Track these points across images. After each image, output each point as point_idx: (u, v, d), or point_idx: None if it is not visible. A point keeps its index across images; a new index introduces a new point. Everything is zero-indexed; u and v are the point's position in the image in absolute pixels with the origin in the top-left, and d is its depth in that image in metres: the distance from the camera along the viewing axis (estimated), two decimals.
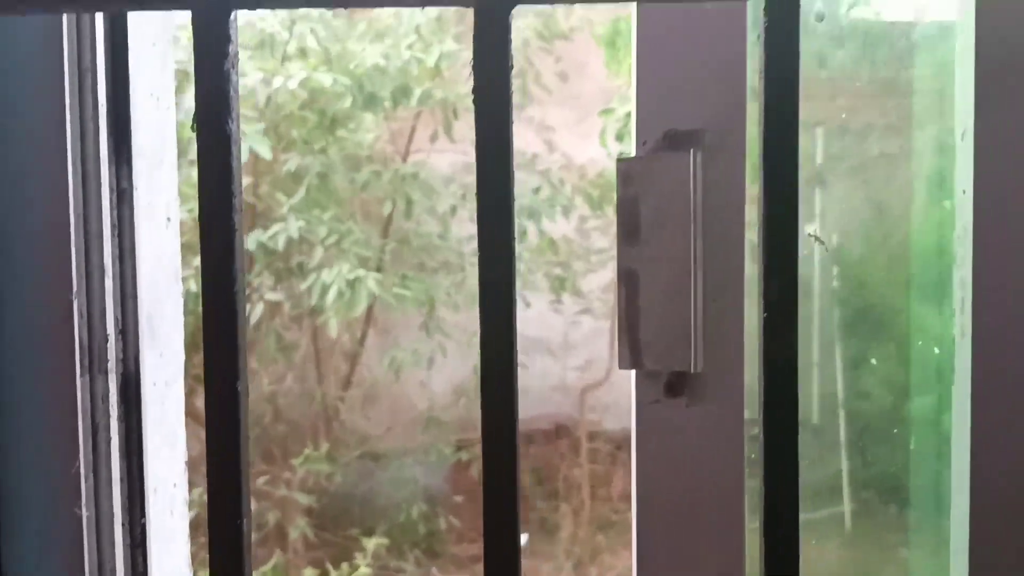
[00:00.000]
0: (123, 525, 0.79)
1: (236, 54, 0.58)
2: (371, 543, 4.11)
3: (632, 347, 0.75)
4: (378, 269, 3.82)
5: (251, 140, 3.46)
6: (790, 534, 0.58)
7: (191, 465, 0.98)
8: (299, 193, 3.73)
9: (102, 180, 0.77)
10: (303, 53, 3.68)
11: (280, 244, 3.60)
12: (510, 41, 0.57)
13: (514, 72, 0.58)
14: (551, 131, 4.50)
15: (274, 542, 4.31)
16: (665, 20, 0.75)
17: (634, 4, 0.74)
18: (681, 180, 0.73)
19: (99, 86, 0.77)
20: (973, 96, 0.68)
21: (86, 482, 0.76)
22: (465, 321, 4.11)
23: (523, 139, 4.41)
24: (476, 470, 4.26)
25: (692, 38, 0.74)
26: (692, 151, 0.73)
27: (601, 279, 4.56)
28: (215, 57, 0.56)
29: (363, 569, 3.88)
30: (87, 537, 0.75)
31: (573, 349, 4.89)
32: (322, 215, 3.73)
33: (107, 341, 0.77)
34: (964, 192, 0.71)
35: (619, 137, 3.50)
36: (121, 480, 0.80)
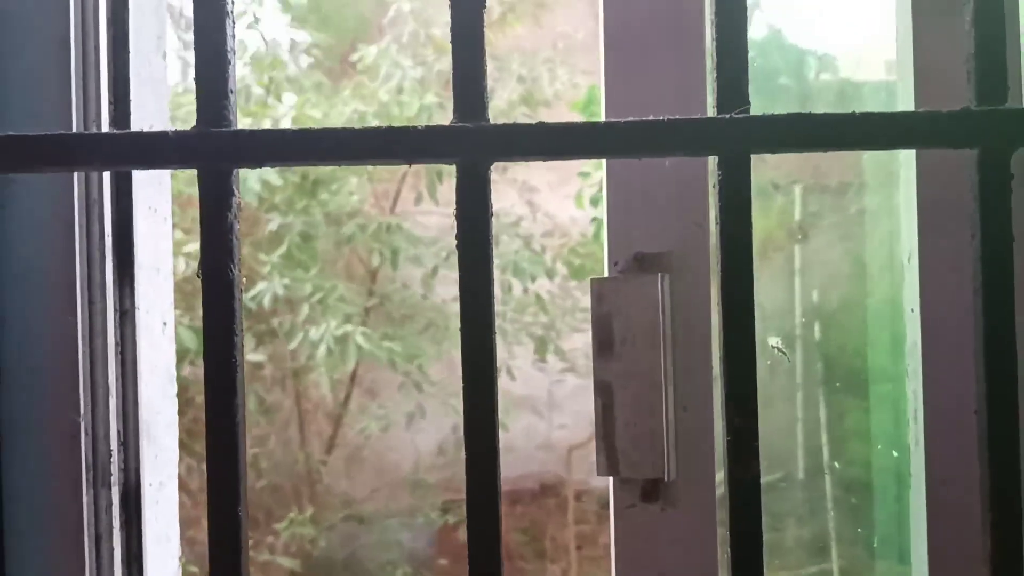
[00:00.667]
0: None
1: (239, 205, 0.64)
2: None
3: (609, 455, 0.80)
4: (363, 324, 3.85)
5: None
6: None
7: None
8: (280, 250, 3.76)
9: (107, 304, 0.81)
10: (287, 118, 3.74)
11: (265, 302, 3.62)
12: (489, 192, 0.63)
13: None
14: (534, 192, 4.58)
15: None
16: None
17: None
18: (651, 299, 0.79)
19: (106, 213, 0.82)
20: (917, 224, 0.74)
21: None
22: (448, 379, 4.13)
23: (507, 200, 4.49)
24: (462, 532, 4.24)
25: (657, 170, 0.80)
26: (660, 274, 0.79)
27: (585, 338, 4.60)
28: (220, 209, 0.62)
29: None
30: None
31: (558, 408, 4.92)
32: (305, 274, 3.76)
33: (110, 456, 0.81)
34: (912, 311, 0.77)
35: (594, 202, 3.57)
36: None
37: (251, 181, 3.57)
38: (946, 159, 0.72)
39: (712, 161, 0.76)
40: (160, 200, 0.98)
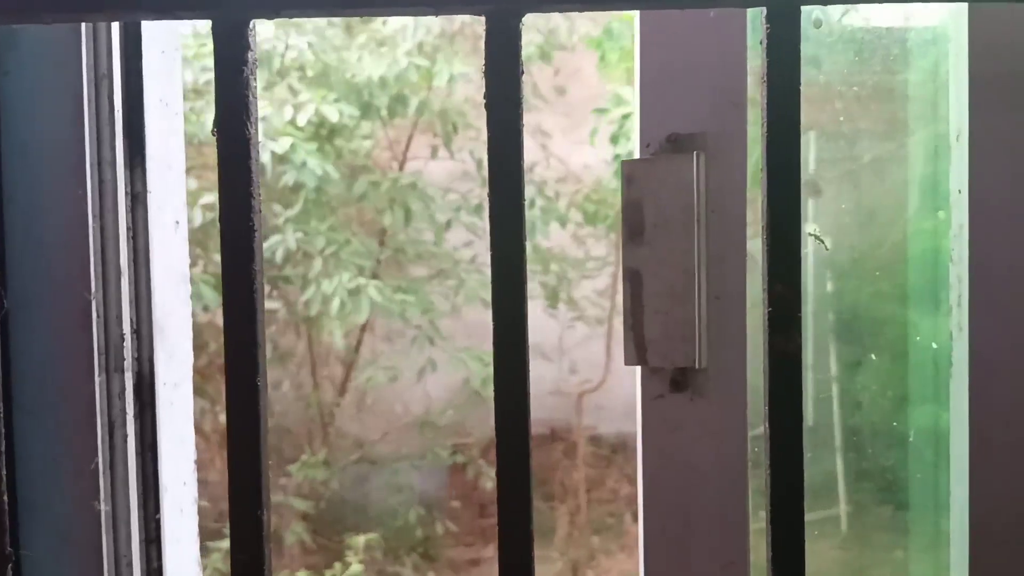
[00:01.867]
0: (139, 520, 0.81)
1: (255, 61, 0.60)
2: (363, 541, 4.10)
3: (637, 344, 0.77)
4: (374, 277, 3.83)
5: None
6: (796, 525, 0.60)
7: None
8: (296, 206, 3.74)
9: (118, 184, 0.78)
10: (301, 67, 3.68)
11: (278, 256, 3.61)
12: (520, 46, 0.59)
13: None
14: (547, 136, 4.52)
15: (271, 548, 4.30)
16: (667, 25, 0.77)
17: (637, 11, 0.76)
18: (684, 181, 0.75)
19: (115, 92, 0.79)
20: (968, 98, 0.71)
21: (104, 478, 0.77)
22: (460, 328, 4.12)
23: None
24: (472, 474, 4.26)
25: (694, 43, 0.76)
26: (695, 153, 0.75)
27: (595, 285, 4.58)
28: (235, 64, 0.58)
29: (355, 566, 3.89)
30: (105, 531, 0.77)
31: (568, 354, 4.91)
32: (319, 226, 3.74)
33: (123, 341, 0.79)
34: (960, 192, 0.73)
35: (613, 140, 3.50)
36: (136, 477, 0.81)
37: (270, 144, 3.52)
38: (1000, 25, 0.68)
39: (752, 31, 0.72)
40: (171, 94, 0.94)
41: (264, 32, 3.65)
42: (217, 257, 3.53)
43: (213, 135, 0.59)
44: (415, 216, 3.96)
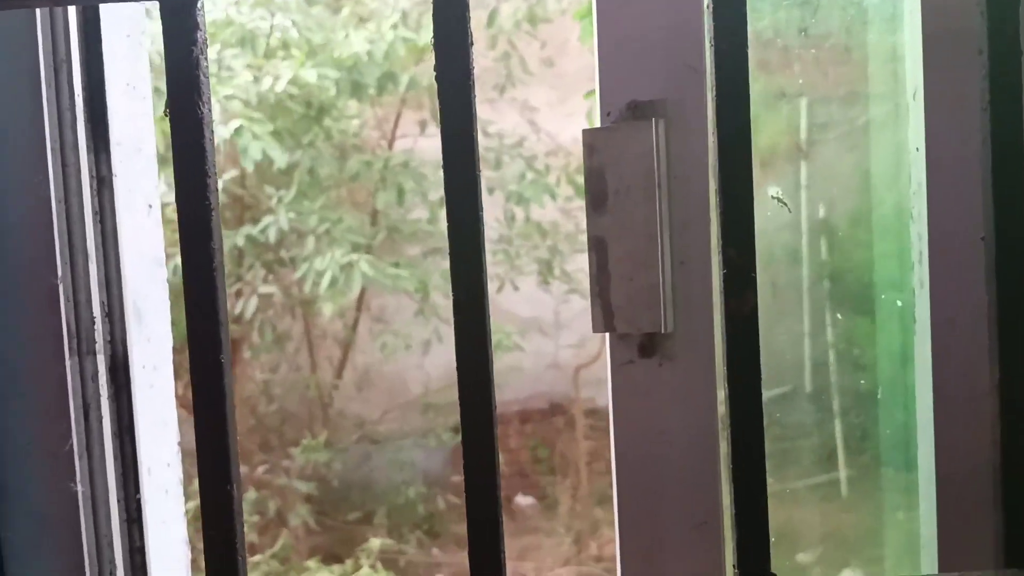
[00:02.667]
0: (119, 501, 0.82)
1: (205, 40, 0.60)
2: (374, 542, 4.13)
3: (604, 311, 0.78)
4: (367, 251, 3.83)
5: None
6: (757, 480, 0.61)
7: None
8: (291, 188, 3.73)
9: (81, 168, 0.78)
10: (286, 46, 3.66)
11: (271, 237, 3.61)
12: (467, 20, 0.59)
13: (498, 57, 0.60)
14: (535, 111, 4.51)
15: (275, 529, 4.34)
16: None
17: None
18: (645, 149, 0.76)
19: (75, 76, 0.79)
20: (921, 56, 0.71)
21: (80, 460, 0.78)
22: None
23: (508, 120, 4.42)
24: None
25: (651, 10, 0.76)
26: (654, 120, 0.75)
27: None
28: (184, 44, 0.59)
29: (365, 570, 3.92)
30: (83, 512, 0.78)
31: (565, 328, 4.92)
32: (312, 206, 3.73)
33: (94, 323, 0.79)
34: (917, 150, 0.74)
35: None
36: (115, 458, 0.82)
37: (252, 151, 3.50)
38: None
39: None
40: (138, 77, 0.94)
41: (247, 12, 3.62)
42: None
43: (165, 116, 0.59)
44: (408, 195, 3.96)
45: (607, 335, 0.80)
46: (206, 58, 0.59)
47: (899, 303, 0.83)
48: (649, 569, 0.80)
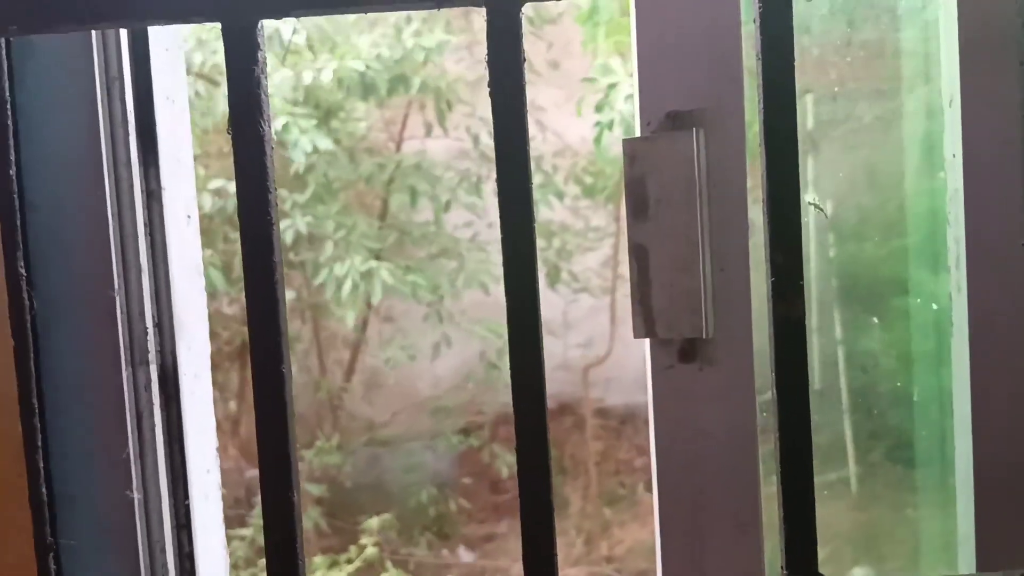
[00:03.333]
0: (169, 507, 0.83)
1: (264, 60, 0.62)
2: (376, 523, 4.14)
3: (645, 317, 0.79)
4: (378, 259, 3.84)
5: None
6: (805, 483, 0.63)
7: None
8: (307, 191, 3.74)
9: (134, 183, 0.80)
10: (296, 48, 3.67)
11: (288, 240, 3.62)
12: (521, 36, 0.61)
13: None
14: (542, 111, 4.52)
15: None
16: (662, 3, 0.78)
17: None
18: (685, 157, 0.77)
19: (127, 93, 0.80)
20: (958, 63, 0.72)
21: (135, 467, 0.80)
22: (465, 307, 4.14)
23: None
24: (484, 454, 4.30)
25: (689, 20, 0.77)
26: (695, 130, 0.77)
27: (598, 257, 4.60)
28: (246, 64, 0.60)
29: (370, 549, 3.93)
30: (139, 519, 0.79)
31: (573, 328, 4.94)
32: (328, 210, 3.75)
33: (146, 334, 0.81)
34: (954, 156, 0.75)
35: (598, 108, 3.48)
36: (165, 465, 0.84)
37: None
38: None
39: (746, 6, 0.73)
40: (176, 91, 0.96)
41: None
42: (223, 242, 3.55)
43: (228, 133, 0.61)
44: (420, 199, 3.97)
45: (647, 341, 0.82)
46: (266, 77, 0.61)
47: (934, 307, 0.84)
48: (690, 570, 0.81)
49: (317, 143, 3.42)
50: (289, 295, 4.11)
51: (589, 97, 3.55)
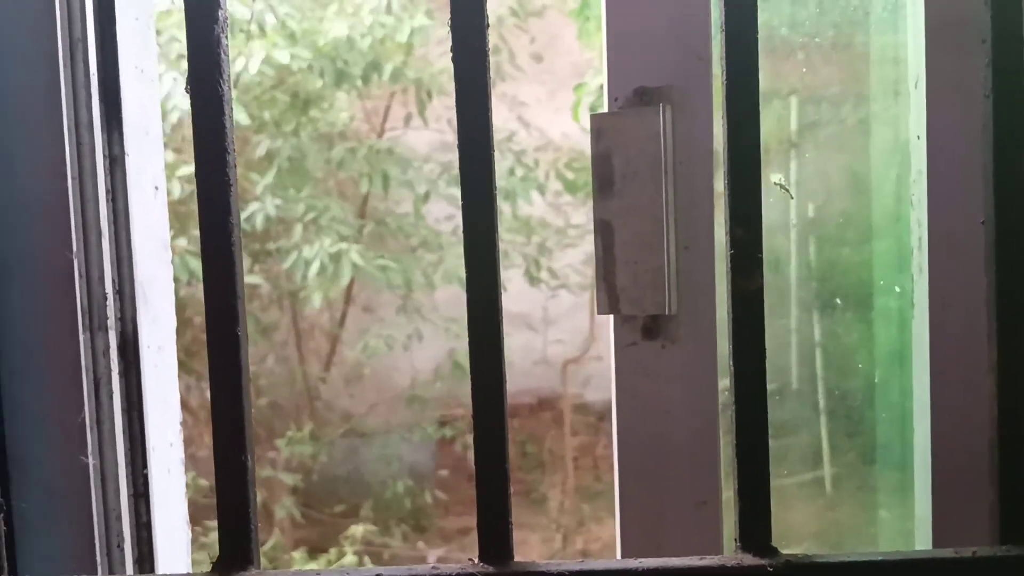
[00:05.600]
0: (127, 476, 0.82)
1: (226, 19, 0.61)
2: (359, 529, 4.13)
3: (609, 293, 0.79)
4: (347, 241, 3.83)
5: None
6: (760, 457, 0.63)
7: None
8: (271, 173, 3.71)
9: (96, 147, 0.79)
10: (264, 32, 3.64)
11: (257, 224, 3.60)
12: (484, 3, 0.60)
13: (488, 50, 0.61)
14: (525, 107, 4.51)
15: (261, 522, 4.33)
16: None
17: None
18: (652, 134, 0.77)
19: (90, 57, 0.79)
20: (924, 43, 0.72)
21: (91, 433, 0.79)
22: (442, 300, 4.13)
23: (498, 116, 4.42)
24: (460, 446, 4.30)
25: (657, 0, 0.77)
26: (662, 106, 0.77)
27: (578, 254, 4.60)
28: (207, 22, 0.60)
29: (350, 556, 3.92)
30: (94, 484, 0.78)
31: (553, 324, 4.94)
32: (298, 194, 3.72)
33: (106, 300, 0.80)
34: (918, 137, 0.75)
35: (592, 110, 3.47)
36: (123, 433, 0.83)
37: (239, 114, 3.49)
38: None
39: None
40: (146, 61, 0.95)
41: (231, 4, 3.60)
42: (195, 229, 3.52)
43: (186, 91, 0.60)
44: (395, 187, 3.95)
45: (611, 317, 0.82)
46: (227, 37, 0.60)
47: (898, 289, 0.84)
48: (648, 547, 0.81)
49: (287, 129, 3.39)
50: (263, 283, 4.08)
51: (584, 99, 3.55)
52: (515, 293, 4.59)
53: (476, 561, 0.62)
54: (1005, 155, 0.61)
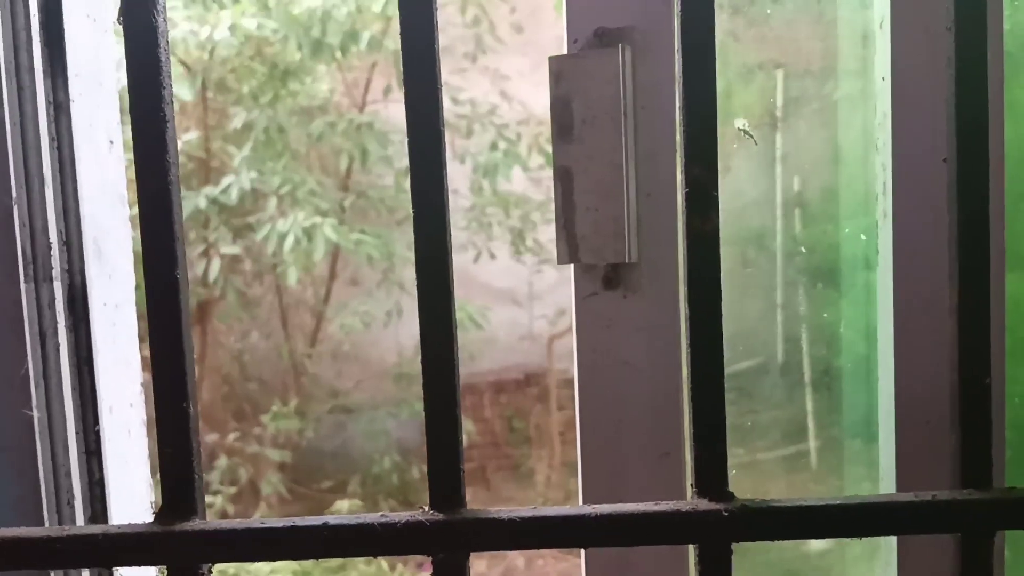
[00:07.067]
0: (77, 433, 0.81)
1: None
2: (345, 504, 4.13)
3: (569, 242, 0.77)
4: (340, 223, 3.79)
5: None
6: (715, 396, 0.61)
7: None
8: (248, 145, 3.67)
9: (37, 92, 0.77)
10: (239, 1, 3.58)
11: (233, 197, 3.56)
12: None
13: (468, 23, 0.59)
14: (507, 80, 4.47)
15: (248, 498, 4.32)
16: None
17: None
18: (611, 76, 0.75)
19: (30, 0, 0.77)
20: None
21: (36, 387, 0.77)
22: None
23: (479, 88, 4.39)
24: None
25: None
26: (621, 46, 0.75)
27: None
28: None
29: (338, 509, 3.91)
30: (39, 439, 0.77)
31: (538, 299, 4.93)
32: (275, 166, 3.68)
33: (50, 250, 0.78)
34: (883, 79, 0.74)
35: None
36: (73, 389, 0.81)
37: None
38: None
39: None
40: (99, 8, 0.92)
41: None
42: None
43: (118, 22, 0.58)
44: (376, 161, 3.91)
45: (572, 269, 0.80)
46: None
47: (863, 237, 0.83)
48: (611, 499, 0.80)
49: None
50: (245, 257, 4.04)
51: None
52: (500, 269, 4.58)
53: (427, 509, 0.60)
54: (967, 89, 0.59)
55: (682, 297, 0.68)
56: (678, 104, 0.61)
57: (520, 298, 4.97)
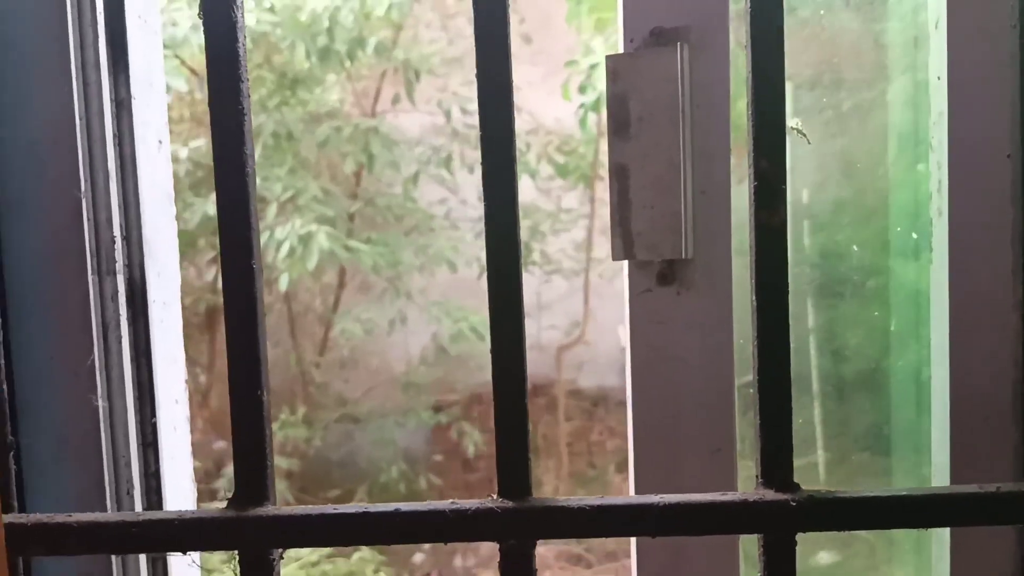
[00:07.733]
0: (136, 423, 0.81)
1: None
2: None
3: (624, 239, 0.78)
4: (349, 234, 3.79)
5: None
6: (782, 388, 0.62)
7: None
8: (257, 152, 3.68)
9: (103, 87, 0.78)
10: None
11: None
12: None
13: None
14: (516, 90, 4.48)
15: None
16: None
17: None
18: (669, 75, 0.76)
19: None
20: None
21: (100, 376, 0.77)
22: (432, 284, 4.11)
23: None
24: (455, 431, 4.29)
25: None
26: (679, 45, 0.76)
27: (571, 239, 4.59)
28: None
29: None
30: (104, 429, 0.77)
31: (547, 309, 4.93)
32: (279, 172, 3.67)
33: (114, 243, 0.79)
34: (939, 78, 0.75)
35: (582, 89, 3.47)
36: (132, 380, 0.81)
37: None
38: None
39: None
40: (149, 13, 0.93)
41: None
42: (186, 214, 3.49)
43: (199, 16, 0.59)
44: (384, 169, 3.91)
45: (626, 264, 0.81)
46: None
47: (915, 236, 0.84)
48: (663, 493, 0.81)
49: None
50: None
51: (574, 79, 3.53)
52: None
53: (496, 496, 0.61)
54: None
55: (749, 290, 0.68)
56: (748, 99, 0.61)
57: (528, 308, 4.95)
